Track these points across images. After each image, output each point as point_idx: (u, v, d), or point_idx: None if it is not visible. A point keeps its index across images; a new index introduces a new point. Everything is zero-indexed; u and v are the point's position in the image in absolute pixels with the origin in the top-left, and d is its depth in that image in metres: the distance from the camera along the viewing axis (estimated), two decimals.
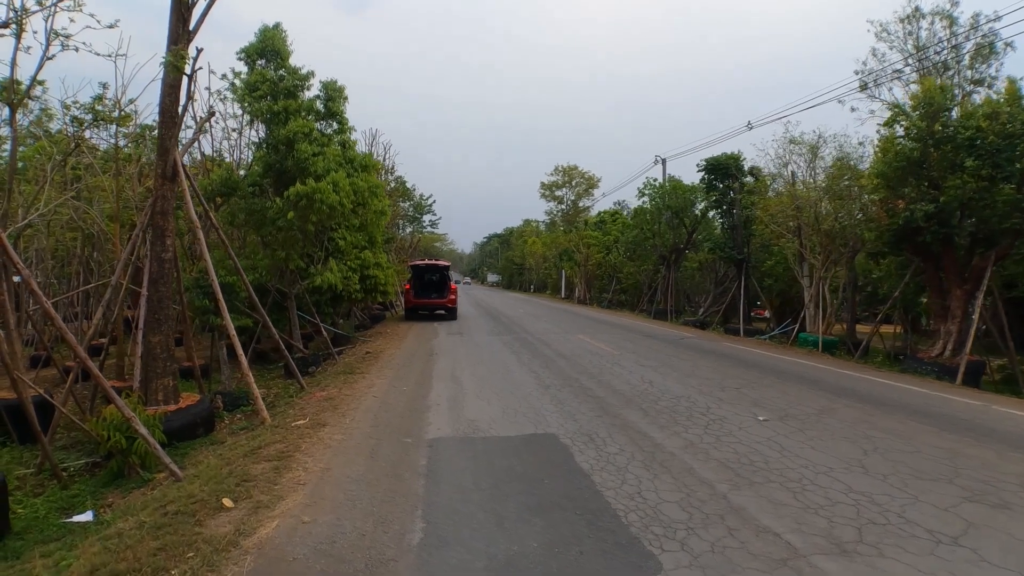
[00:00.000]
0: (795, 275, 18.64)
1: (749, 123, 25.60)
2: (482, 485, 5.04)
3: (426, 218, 38.81)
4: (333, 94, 14.28)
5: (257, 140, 13.98)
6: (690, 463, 5.67)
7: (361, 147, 21.32)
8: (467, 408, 7.98)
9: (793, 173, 18.51)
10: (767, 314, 23.40)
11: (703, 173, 23.31)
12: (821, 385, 10.01)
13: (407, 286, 23.93)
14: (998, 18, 17.11)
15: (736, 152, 22.85)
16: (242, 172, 14.26)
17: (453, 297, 23.63)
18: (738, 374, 11.01)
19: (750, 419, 7.43)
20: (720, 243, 22.39)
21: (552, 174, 62.47)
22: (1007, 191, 10.32)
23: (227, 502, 4.71)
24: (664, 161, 34.46)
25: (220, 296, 9.09)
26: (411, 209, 35.43)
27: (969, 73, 18.16)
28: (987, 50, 17.56)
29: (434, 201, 38.09)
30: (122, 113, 11.08)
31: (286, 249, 12.52)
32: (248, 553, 3.77)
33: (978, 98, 16.47)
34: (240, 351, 8.85)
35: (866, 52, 23.54)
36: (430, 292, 24.23)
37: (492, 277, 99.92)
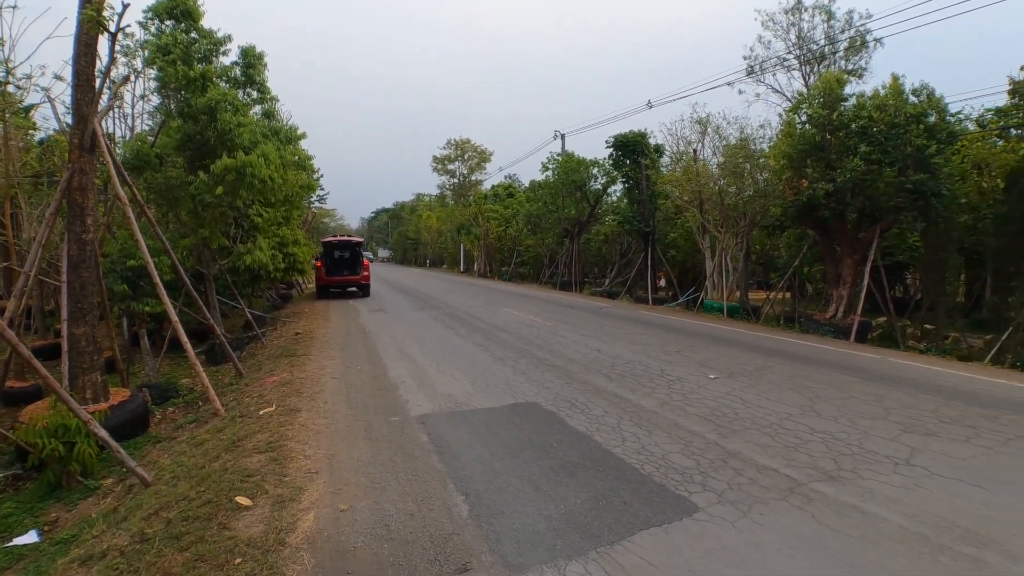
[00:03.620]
0: (698, 246, 20.42)
1: (649, 102, 27.28)
2: (498, 454, 5.34)
3: (314, 192, 37.58)
4: (253, 60, 13.70)
5: (169, 109, 13.16)
6: (673, 418, 6.50)
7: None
8: (437, 383, 8.27)
9: (696, 151, 20.18)
10: (663, 283, 25.50)
11: (611, 149, 24.62)
12: (747, 346, 11.41)
13: (318, 263, 23.44)
14: (870, 17, 19.66)
15: (643, 130, 24.36)
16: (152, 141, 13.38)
17: (366, 274, 23.49)
18: (673, 339, 12.20)
19: (703, 378, 8.46)
20: (628, 216, 23.89)
21: (445, 148, 62.58)
22: (890, 174, 12.17)
23: (243, 500, 4.55)
24: (563, 136, 35.72)
25: (158, 280, 8.57)
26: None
27: (843, 64, 20.68)
28: (860, 44, 20.06)
29: (322, 175, 36.97)
30: (8, 73, 10.12)
31: (210, 227, 12.04)
32: (301, 550, 3.74)
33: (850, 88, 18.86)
34: (185, 340, 8.49)
35: (754, 39, 25.86)
36: (342, 269, 23.90)
37: (383, 252, 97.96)
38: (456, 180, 63.42)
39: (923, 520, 4.06)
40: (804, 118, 14.12)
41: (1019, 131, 13.03)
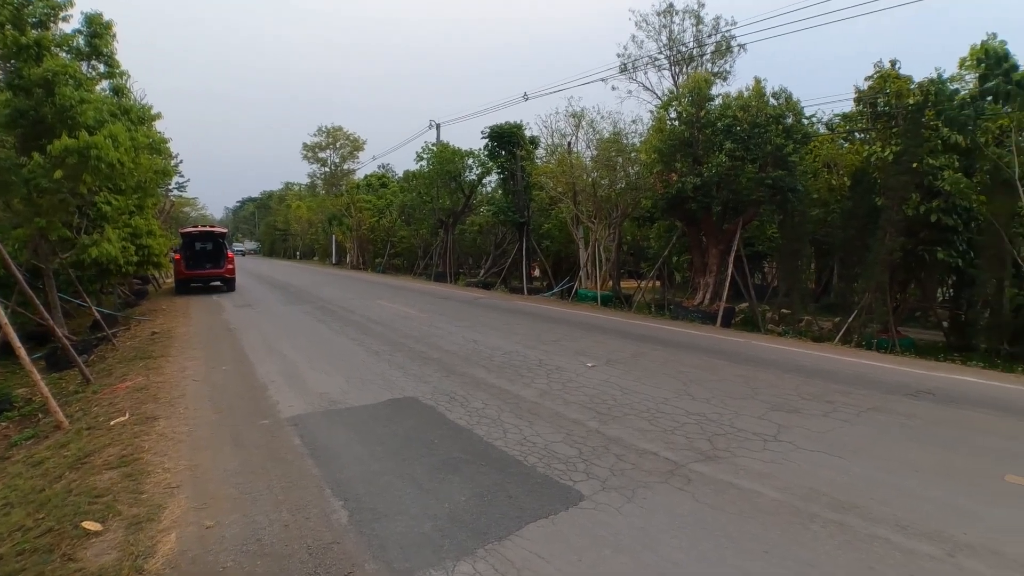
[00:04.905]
0: (572, 237, 21.04)
1: (525, 95, 27.67)
2: (378, 454, 5.17)
3: (173, 180, 34.60)
4: (100, 30, 12.18)
5: None
6: (554, 408, 6.56)
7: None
8: (309, 382, 7.87)
9: (570, 144, 20.75)
10: (537, 273, 26.09)
11: (487, 140, 24.72)
12: (622, 334, 11.84)
13: (177, 256, 21.66)
14: (735, 24, 21.31)
15: (519, 122, 24.65)
16: None
17: (231, 267, 22.11)
18: (549, 328, 12.42)
19: (581, 367, 8.65)
20: (503, 207, 24.10)
21: (316, 135, 60.37)
22: (752, 170, 13.17)
23: (91, 525, 4.11)
24: (439, 126, 35.44)
25: None
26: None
27: (710, 66, 22.19)
28: (725, 48, 21.63)
29: (181, 160, 34.11)
30: None
31: (47, 216, 10.60)
32: None
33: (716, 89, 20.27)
34: (17, 344, 7.39)
35: (627, 38, 27.16)
36: (204, 263, 22.34)
37: (250, 244, 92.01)
38: (328, 169, 61.62)
39: (793, 492, 4.34)
40: (674, 115, 15.01)
41: (863, 135, 14.56)
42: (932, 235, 11.80)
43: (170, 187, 32.31)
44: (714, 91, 14.89)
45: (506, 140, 24.34)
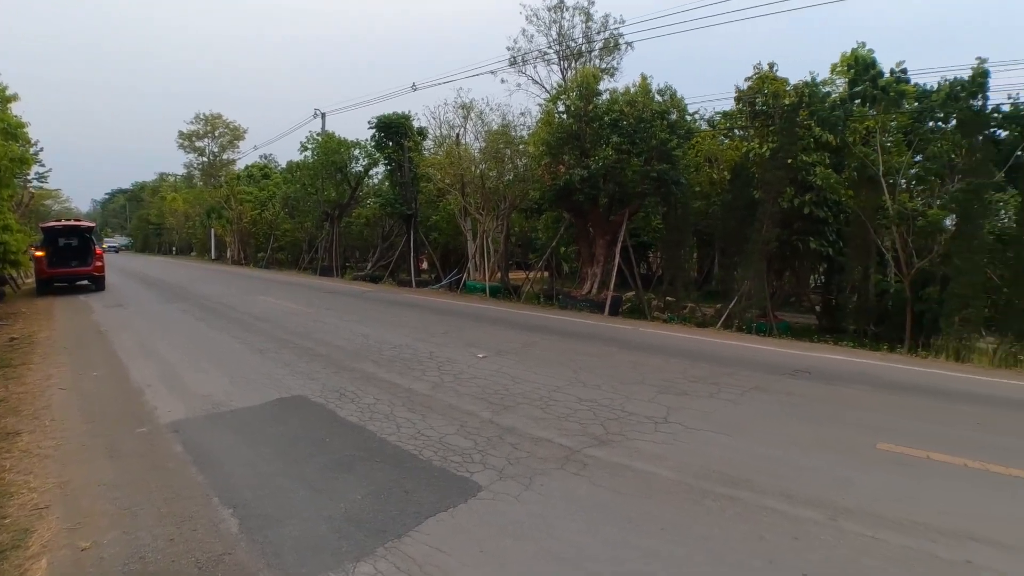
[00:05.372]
0: (460, 229, 20.97)
1: (414, 84, 27.22)
2: (267, 456, 4.92)
3: (33, 169, 30.88)
4: None
5: None
6: (447, 400, 6.43)
7: None
8: (190, 384, 7.27)
9: (459, 135, 20.61)
10: (426, 265, 25.84)
11: (374, 130, 24.07)
12: (512, 324, 11.90)
13: (38, 254, 19.33)
14: (623, 22, 22.02)
15: (407, 112, 24.13)
16: None
17: (100, 264, 20.09)
18: (439, 321, 12.25)
19: (472, 358, 8.57)
20: (390, 199, 23.57)
21: (192, 122, 56.59)
22: (637, 164, 13.66)
23: None
24: (324, 115, 34.21)
25: None
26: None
27: (598, 62, 22.78)
28: (614, 45, 22.30)
29: (42, 149, 30.59)
30: None
31: None
32: None
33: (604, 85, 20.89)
34: None
35: (518, 31, 27.30)
36: (69, 260, 20.11)
37: (120, 239, 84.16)
38: (206, 159, 58.17)
39: (685, 470, 4.46)
40: (562, 109, 15.27)
41: (742, 132, 15.52)
42: (805, 226, 12.83)
43: (29, 177, 28.91)
44: (602, 87, 15.31)
45: (393, 131, 23.79)
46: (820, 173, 11.89)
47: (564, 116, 15.11)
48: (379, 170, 28.17)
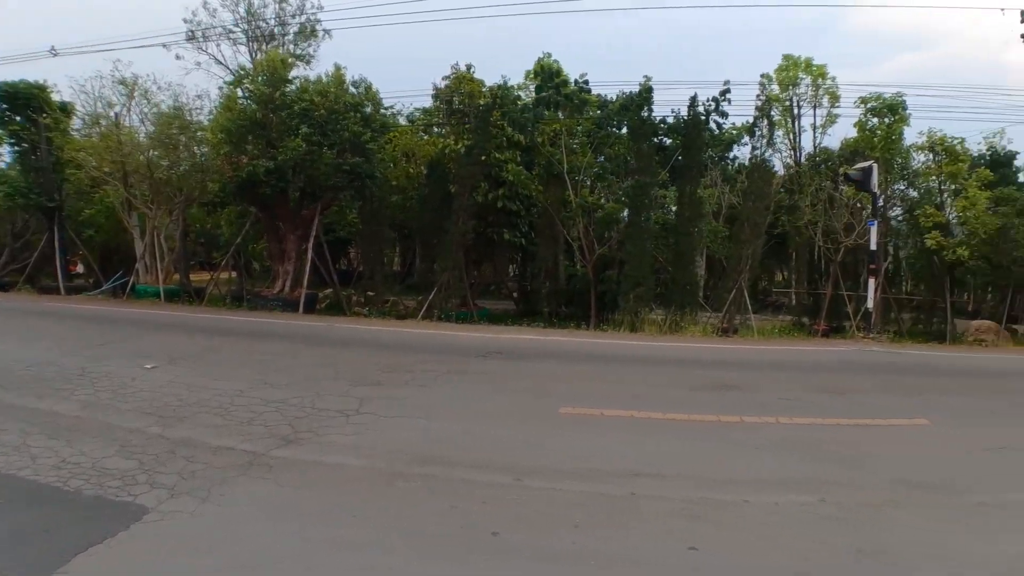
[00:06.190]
0: (124, 225, 18.35)
1: (53, 48, 22.80)
2: None
3: None
4: None
5: None
6: (103, 420, 5.54)
7: None
8: None
9: (119, 116, 17.93)
10: (80, 268, 22.44)
11: None
12: (191, 329, 10.82)
13: None
14: (321, 8, 21.31)
15: (43, 81, 19.98)
16: None
17: None
18: (97, 331, 10.65)
19: (138, 369, 7.50)
20: (22, 188, 19.47)
21: None
22: (330, 156, 13.42)
23: None
24: None
25: None
26: None
27: (293, 48, 21.60)
28: (310, 31, 21.44)
29: None
30: None
31: None
32: None
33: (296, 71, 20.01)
34: None
35: (198, 2, 24.38)
36: None
37: None
38: None
39: (377, 457, 4.52)
40: (246, 94, 14.32)
41: (439, 129, 16.31)
42: (499, 219, 14.12)
43: None
44: (296, 74, 14.71)
45: (23, 103, 19.58)
46: (512, 170, 13.22)
47: (248, 102, 14.14)
48: (4, 151, 22.97)
